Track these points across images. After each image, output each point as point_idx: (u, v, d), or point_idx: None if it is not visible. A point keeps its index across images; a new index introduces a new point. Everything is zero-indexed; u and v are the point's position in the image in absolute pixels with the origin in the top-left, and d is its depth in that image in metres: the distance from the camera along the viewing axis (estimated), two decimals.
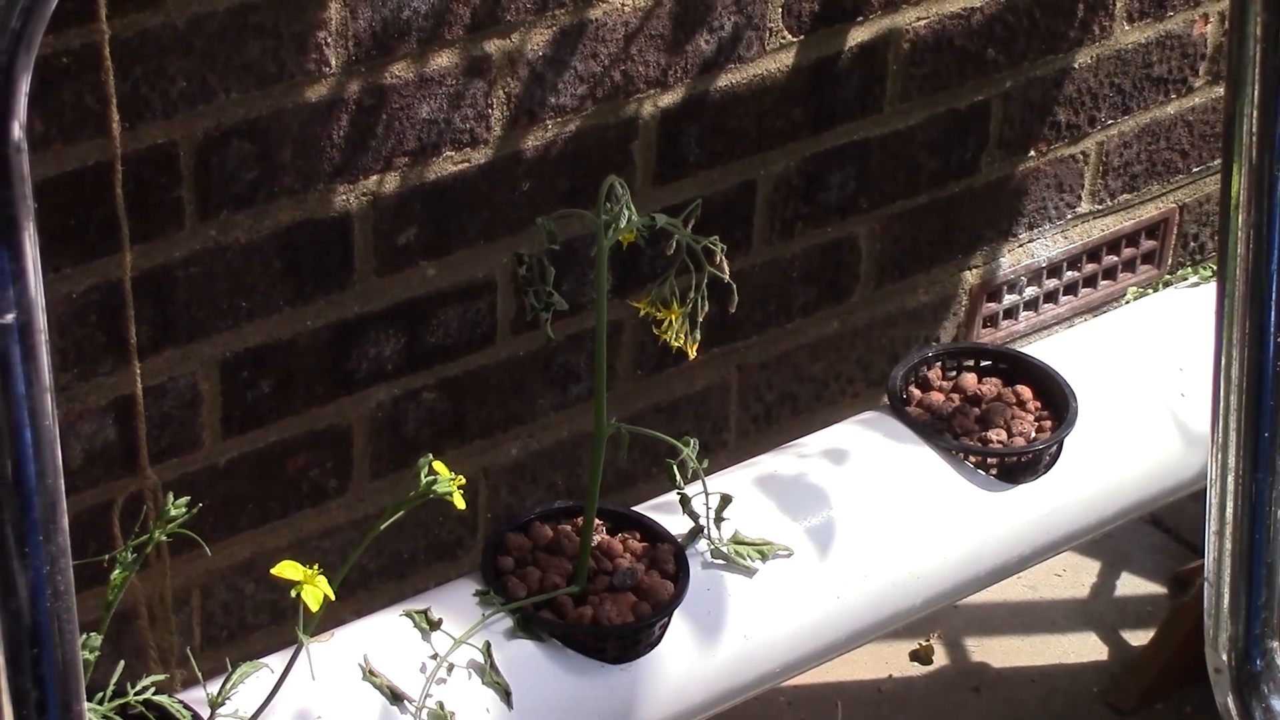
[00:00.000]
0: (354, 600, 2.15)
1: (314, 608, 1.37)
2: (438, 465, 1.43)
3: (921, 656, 2.66)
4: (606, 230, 1.55)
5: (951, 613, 2.64)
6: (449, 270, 2.13)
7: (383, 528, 1.42)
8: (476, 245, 2.13)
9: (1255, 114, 1.45)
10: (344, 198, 2.02)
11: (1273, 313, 1.52)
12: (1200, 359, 1.93)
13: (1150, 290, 2.03)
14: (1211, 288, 1.95)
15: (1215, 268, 1.95)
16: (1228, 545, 1.60)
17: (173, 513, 1.35)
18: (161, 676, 1.44)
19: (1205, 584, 1.60)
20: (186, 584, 2.07)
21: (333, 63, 1.94)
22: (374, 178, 2.03)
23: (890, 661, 2.64)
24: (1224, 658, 1.59)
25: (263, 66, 1.91)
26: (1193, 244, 2.82)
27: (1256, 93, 1.45)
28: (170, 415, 1.99)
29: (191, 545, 1.41)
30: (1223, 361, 1.55)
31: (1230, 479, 1.59)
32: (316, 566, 1.38)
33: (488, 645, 1.57)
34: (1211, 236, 2.82)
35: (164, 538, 1.37)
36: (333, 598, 1.38)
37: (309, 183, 1.99)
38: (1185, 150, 2.73)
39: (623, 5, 2.12)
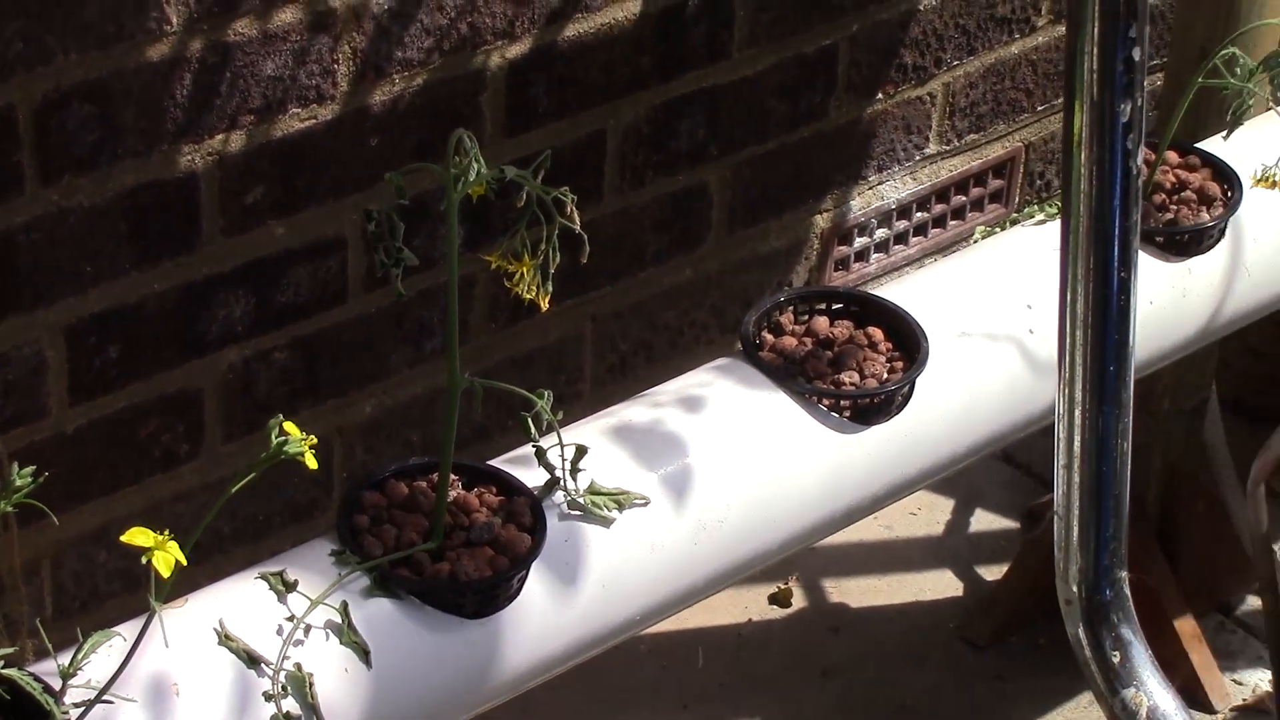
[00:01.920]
0: (209, 565, 2.14)
1: (165, 574, 1.35)
2: (288, 426, 1.42)
3: (780, 599, 2.68)
4: (456, 184, 1.53)
5: (809, 555, 2.66)
6: (298, 229, 2.11)
7: (234, 491, 1.41)
8: (326, 203, 2.12)
9: (1095, 51, 1.47)
10: (189, 158, 2.00)
11: (1116, 248, 1.54)
12: (1048, 296, 1.94)
13: (998, 229, 2.04)
14: (1057, 225, 1.97)
15: (1060, 205, 1.97)
16: (1076, 479, 1.62)
17: (18, 483, 1.33)
18: (11, 650, 1.42)
19: (1055, 517, 1.62)
20: (36, 554, 2.04)
21: (174, 21, 1.92)
22: (219, 137, 2.01)
23: (750, 606, 2.66)
24: (1074, 589, 1.61)
25: (102, 26, 1.88)
26: (1039, 182, 2.84)
27: (1096, 30, 1.46)
28: (15, 383, 1.97)
29: (40, 515, 1.40)
30: (1068, 297, 1.57)
31: (1078, 413, 1.61)
32: (168, 532, 1.36)
33: (345, 605, 1.57)
34: (1057, 174, 2.84)
35: (10, 508, 1.35)
36: (184, 563, 1.36)
37: (153, 144, 1.96)
38: (1030, 89, 2.75)
39: None
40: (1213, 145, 2.09)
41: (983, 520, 2.81)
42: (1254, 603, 2.67)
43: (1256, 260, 2.06)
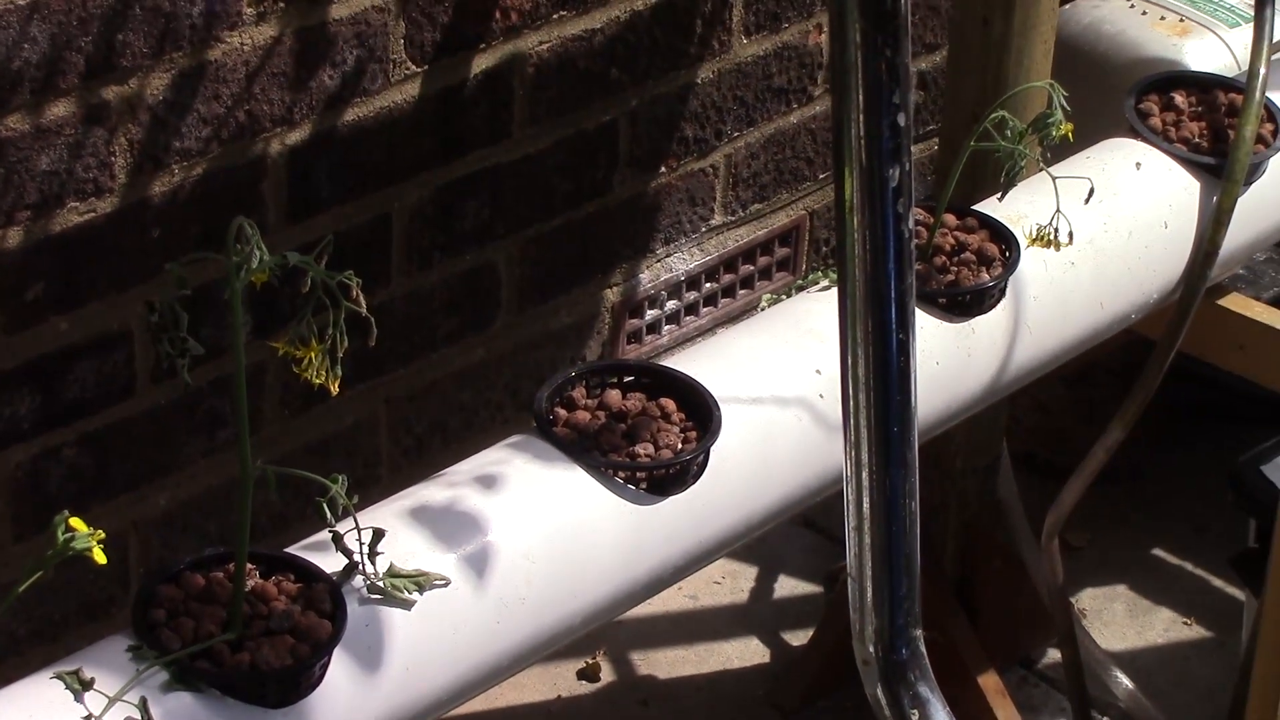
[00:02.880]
0: (6, 668, 2.10)
1: None
2: (74, 521, 1.40)
3: (589, 674, 2.68)
4: (238, 272, 1.53)
5: (616, 628, 2.67)
6: (82, 323, 2.08)
7: (22, 590, 1.39)
8: (109, 296, 2.09)
9: (861, 118, 1.49)
10: None
11: (893, 310, 1.56)
12: (835, 361, 1.97)
13: (784, 296, 2.07)
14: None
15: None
16: (866, 540, 1.63)
17: None
18: None
19: (848, 580, 1.63)
20: None
21: None
22: None
23: (558, 682, 2.66)
24: (870, 649, 1.62)
25: None
26: (825, 248, 2.88)
27: (860, 97, 1.48)
28: None
29: None
30: (849, 361, 1.59)
31: (865, 475, 1.62)
32: None
33: (143, 700, 1.54)
34: None
35: None
36: None
37: None
38: (810, 158, 2.79)
39: (242, 45, 2.10)
40: (989, 207, 2.13)
41: (786, 586, 2.83)
42: (1054, 655, 2.71)
43: (1038, 318, 2.10)
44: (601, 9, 2.42)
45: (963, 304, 2.04)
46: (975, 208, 2.13)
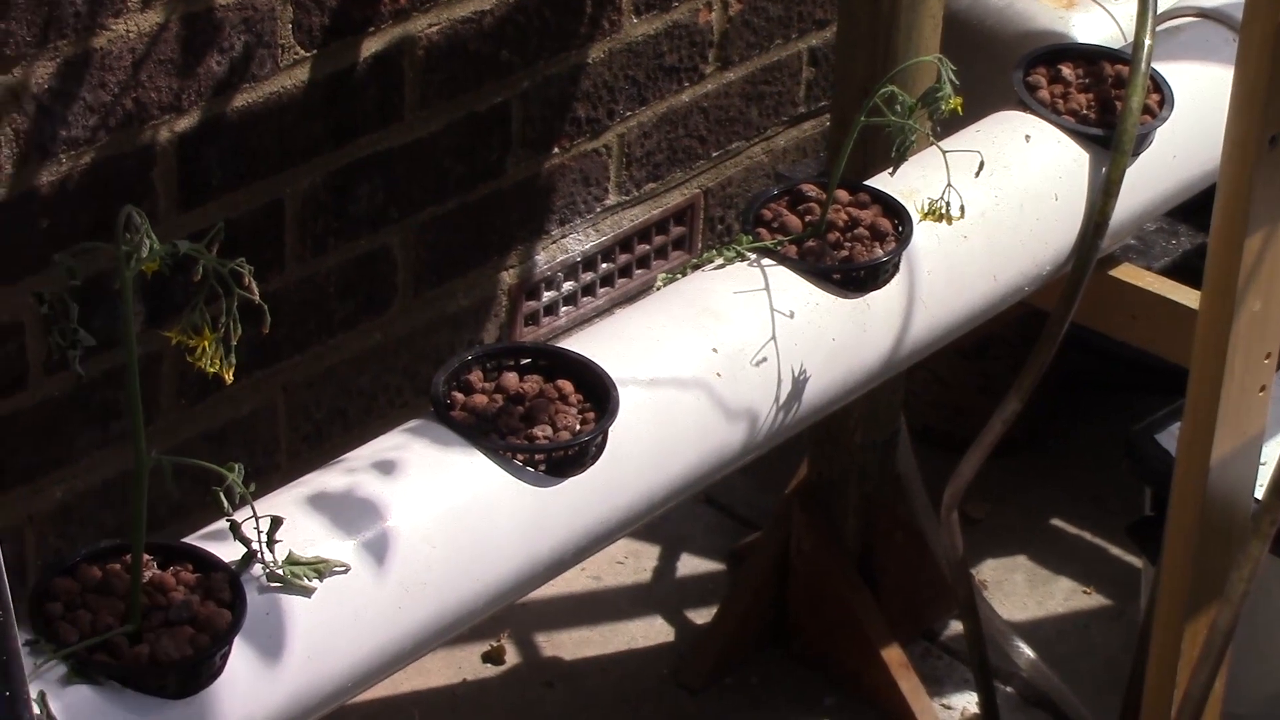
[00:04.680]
0: None
1: None
2: None
3: (494, 657, 2.68)
4: (128, 261, 1.51)
5: (520, 610, 2.67)
6: None
7: None
8: None
9: None
10: None
11: None
12: (731, 339, 1.97)
13: (679, 275, 2.07)
14: (736, 268, 2.01)
15: (738, 249, 2.00)
16: None
17: None
18: None
19: None
20: None
21: None
22: None
23: (463, 666, 2.65)
24: None
25: None
26: (720, 226, 2.89)
27: None
28: None
29: None
30: None
31: None
32: None
33: (42, 695, 1.53)
34: (736, 219, 2.89)
35: None
36: None
37: None
38: (704, 136, 2.79)
39: (128, 32, 2.08)
40: (881, 182, 2.13)
41: (689, 564, 2.84)
42: (956, 627, 2.73)
43: (931, 292, 2.11)
44: None
45: (857, 279, 2.05)
46: (867, 183, 2.14)
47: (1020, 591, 2.82)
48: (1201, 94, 2.30)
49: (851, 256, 2.06)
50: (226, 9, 2.16)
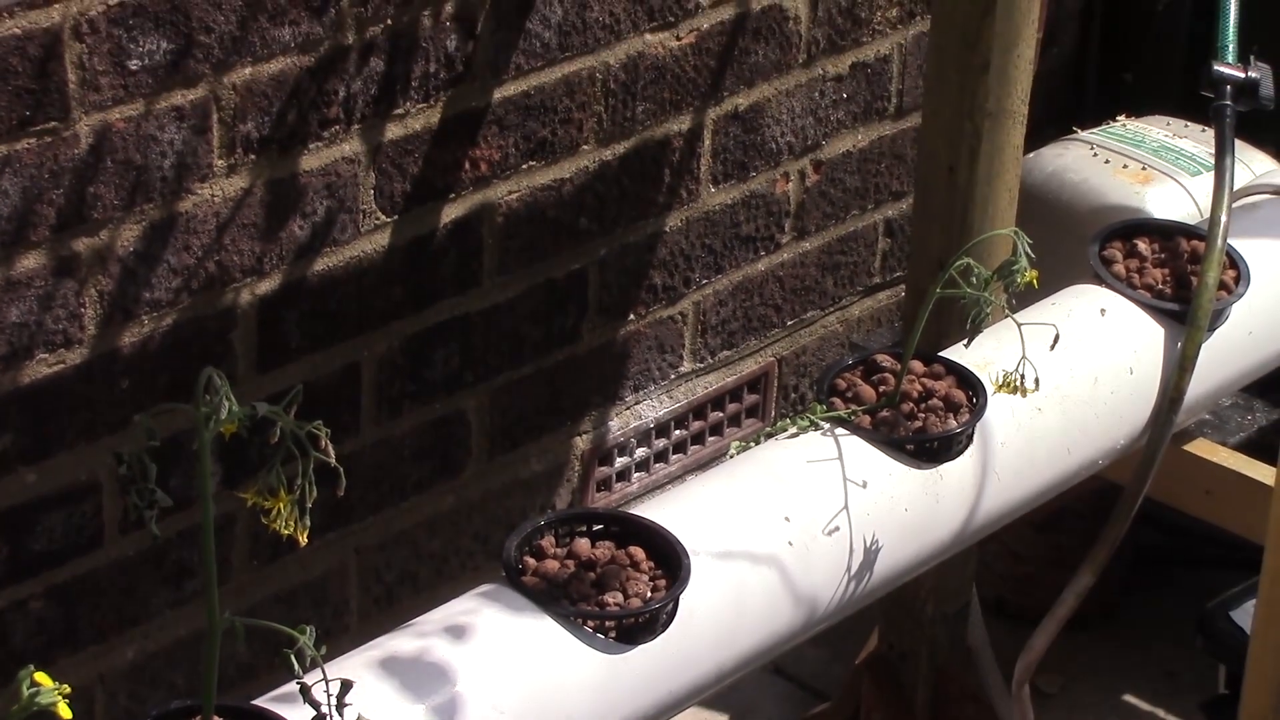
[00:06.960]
0: None
1: None
2: (39, 676, 1.39)
3: None
4: (206, 423, 1.53)
5: None
6: (50, 475, 2.08)
7: None
8: (77, 447, 2.09)
9: None
10: None
11: None
12: (803, 508, 1.97)
13: (752, 443, 2.07)
14: (810, 437, 2.01)
15: (812, 418, 2.00)
16: None
17: None
18: None
19: None
20: None
21: None
22: None
23: None
24: None
25: None
26: (793, 395, 2.89)
27: None
28: None
29: None
30: None
31: None
32: None
33: None
34: (810, 387, 2.89)
35: None
36: None
37: None
38: (779, 305, 2.80)
39: (213, 196, 2.12)
40: (955, 353, 2.13)
41: None
42: None
43: (1005, 464, 2.11)
44: (570, 159, 2.45)
45: (931, 451, 2.04)
46: (942, 354, 2.14)
47: None
48: (1278, 271, 2.30)
49: (925, 427, 2.06)
50: (310, 174, 2.19)
